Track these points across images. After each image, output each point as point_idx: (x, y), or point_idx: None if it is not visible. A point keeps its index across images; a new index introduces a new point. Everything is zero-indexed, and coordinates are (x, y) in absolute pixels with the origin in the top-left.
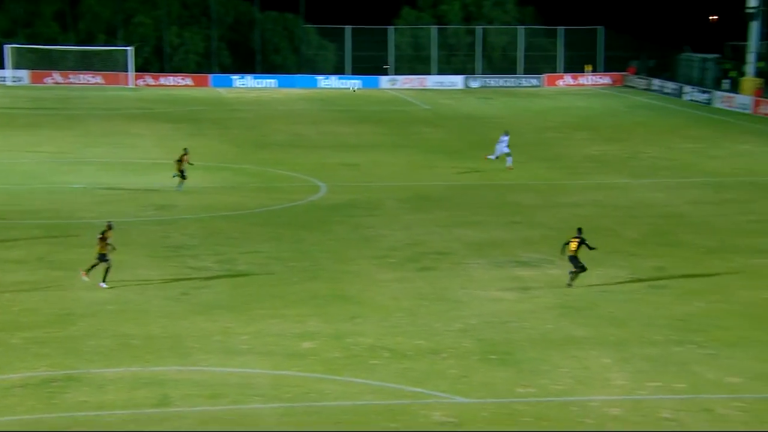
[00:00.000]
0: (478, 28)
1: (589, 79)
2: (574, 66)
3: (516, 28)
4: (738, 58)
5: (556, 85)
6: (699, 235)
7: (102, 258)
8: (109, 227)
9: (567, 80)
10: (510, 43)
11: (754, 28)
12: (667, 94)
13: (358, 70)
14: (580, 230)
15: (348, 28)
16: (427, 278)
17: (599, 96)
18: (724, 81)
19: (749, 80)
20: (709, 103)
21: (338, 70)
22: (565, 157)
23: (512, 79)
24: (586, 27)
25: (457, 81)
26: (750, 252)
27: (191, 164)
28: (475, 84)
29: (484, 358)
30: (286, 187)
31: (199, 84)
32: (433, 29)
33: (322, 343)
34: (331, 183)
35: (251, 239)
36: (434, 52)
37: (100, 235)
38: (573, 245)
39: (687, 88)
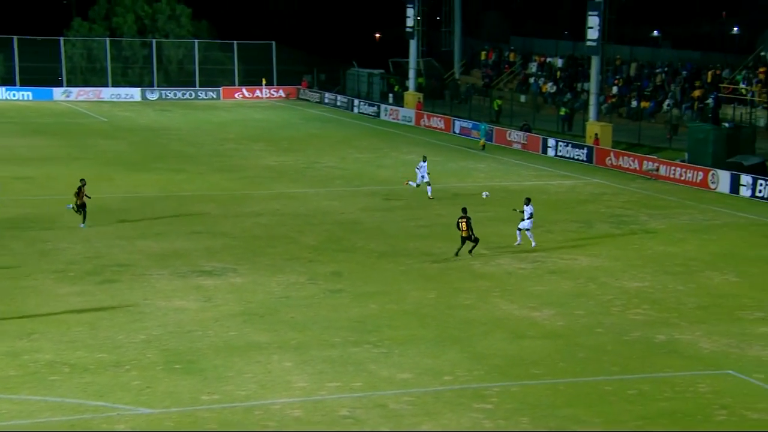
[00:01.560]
0: (153, 41)
1: (264, 93)
2: (250, 79)
3: (191, 42)
4: (401, 73)
5: (233, 98)
6: (372, 240)
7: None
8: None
9: (243, 93)
10: (186, 56)
11: (413, 46)
12: (339, 106)
13: (28, 82)
14: (464, 210)
15: (15, 38)
16: (108, 291)
17: (275, 108)
18: (389, 95)
19: (411, 95)
20: (377, 116)
21: (6, 82)
22: (244, 168)
23: (190, 92)
24: (259, 42)
25: (134, 93)
26: (418, 255)
27: (88, 197)
28: (152, 96)
29: (168, 368)
30: None
31: None
32: (106, 41)
33: None
34: (4, 197)
35: None
36: (108, 64)
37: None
38: (463, 225)
39: (357, 101)
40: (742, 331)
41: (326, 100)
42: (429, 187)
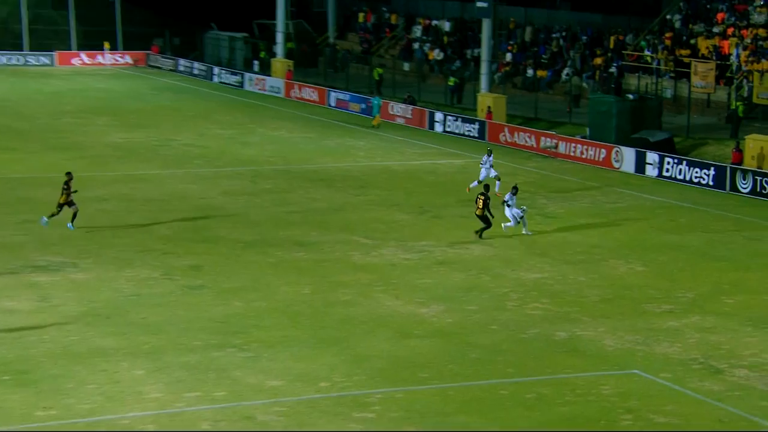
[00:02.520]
0: None
1: (107, 58)
2: (91, 43)
3: None
4: (267, 37)
5: (70, 64)
6: (236, 228)
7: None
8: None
9: (82, 59)
10: (12, 14)
11: (280, 6)
12: (196, 75)
13: None
14: (486, 187)
15: None
16: None
17: (120, 77)
18: (254, 62)
19: (279, 62)
20: (240, 86)
21: None
22: (85, 146)
23: (17, 57)
24: None
25: None
26: (289, 245)
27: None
28: None
29: None
30: None
31: None
32: None
33: None
34: None
35: None
36: None
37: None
38: (480, 203)
39: (216, 70)
40: (649, 326)
41: (181, 68)
42: (498, 182)
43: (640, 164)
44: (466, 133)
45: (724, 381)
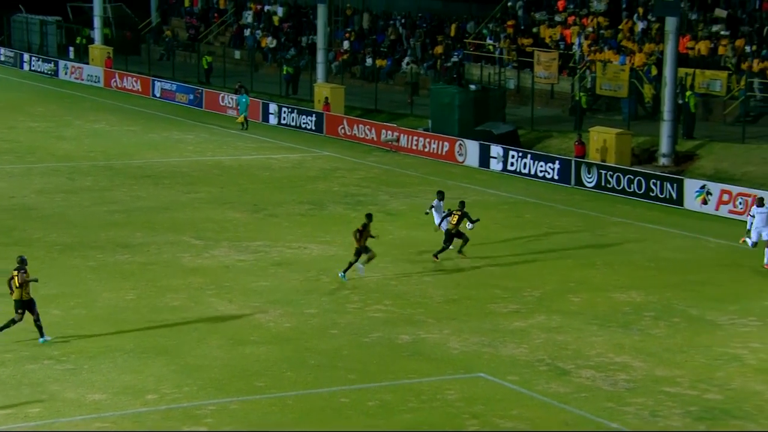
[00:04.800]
0: None
1: None
2: None
3: None
4: (83, 22)
5: None
6: (53, 230)
7: None
8: None
9: None
10: None
11: None
12: (3, 62)
13: None
14: (462, 203)
15: None
16: None
17: None
18: (70, 49)
19: (98, 49)
20: (54, 75)
21: None
22: None
23: None
24: None
25: None
26: (112, 247)
27: None
28: None
29: None
30: None
31: None
32: None
33: None
34: None
35: None
36: None
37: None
38: (453, 219)
39: (27, 56)
40: (495, 328)
41: None
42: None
43: (485, 158)
44: (303, 126)
45: (570, 383)
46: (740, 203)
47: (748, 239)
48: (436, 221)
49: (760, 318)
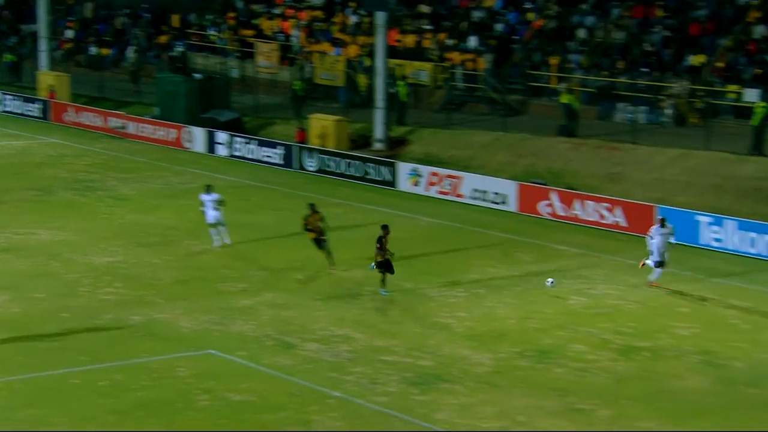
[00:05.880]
0: None
1: None
2: None
3: None
4: None
5: None
6: None
7: None
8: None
9: None
10: None
11: None
12: None
13: None
14: (385, 227)
15: None
16: None
17: None
18: None
19: None
20: None
21: None
22: None
23: None
24: None
25: None
26: None
27: None
28: None
29: None
30: None
31: None
32: None
33: None
34: None
35: None
36: None
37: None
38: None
39: None
40: (224, 306)
41: None
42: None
43: (211, 144)
44: (28, 113)
45: (296, 355)
46: (447, 184)
47: (648, 261)
48: (206, 215)
49: (467, 290)
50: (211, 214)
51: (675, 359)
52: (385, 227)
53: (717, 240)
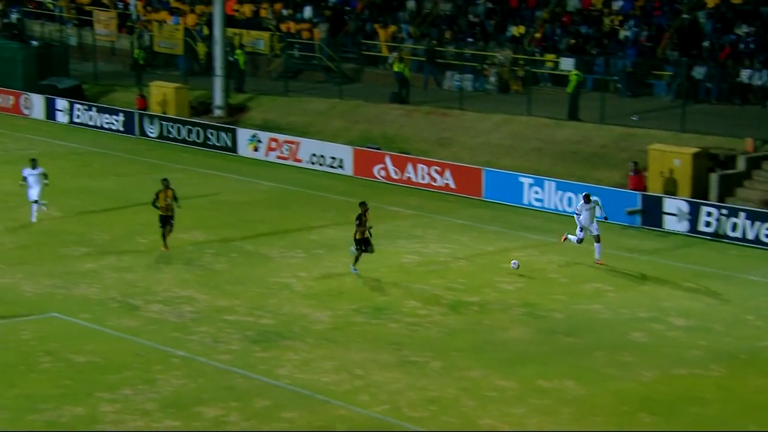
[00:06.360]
0: None
1: None
2: None
3: None
4: None
5: None
6: None
7: None
8: None
9: None
10: None
11: None
12: None
13: None
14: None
15: None
16: None
17: None
18: None
19: None
20: None
21: None
22: None
23: None
24: None
25: None
26: None
27: None
28: None
29: None
30: None
31: None
32: None
33: None
34: None
35: None
36: None
37: None
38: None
39: None
40: (67, 270)
41: None
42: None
43: (50, 111)
44: None
45: (140, 317)
46: (286, 149)
47: (571, 236)
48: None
49: (306, 250)
50: (33, 191)
51: (500, 312)
52: (363, 204)
53: (538, 200)
